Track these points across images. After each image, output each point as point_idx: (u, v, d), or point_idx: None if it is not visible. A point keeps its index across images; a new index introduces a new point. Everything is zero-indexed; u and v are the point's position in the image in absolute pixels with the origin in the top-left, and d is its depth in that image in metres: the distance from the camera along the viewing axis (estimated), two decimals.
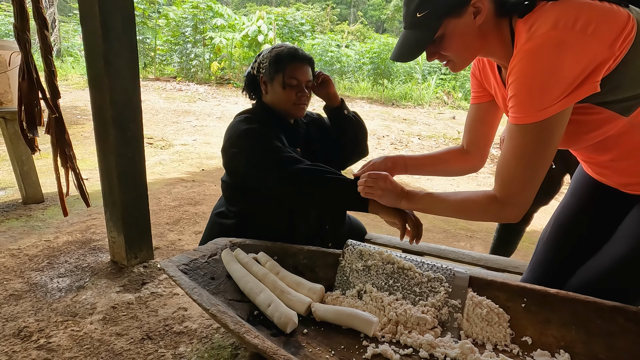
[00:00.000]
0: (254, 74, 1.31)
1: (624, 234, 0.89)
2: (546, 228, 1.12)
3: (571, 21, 0.66)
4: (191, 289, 0.86)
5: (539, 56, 0.68)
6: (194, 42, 10.03)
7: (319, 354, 0.83)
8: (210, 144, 4.61)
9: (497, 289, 0.99)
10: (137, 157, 1.63)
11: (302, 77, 1.24)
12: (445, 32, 0.81)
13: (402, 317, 0.94)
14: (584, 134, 0.80)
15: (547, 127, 0.72)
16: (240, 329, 0.74)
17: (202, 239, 1.39)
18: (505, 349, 0.89)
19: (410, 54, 0.84)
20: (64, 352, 1.17)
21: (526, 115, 0.73)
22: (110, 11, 1.42)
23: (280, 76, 1.23)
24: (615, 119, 0.74)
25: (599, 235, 0.97)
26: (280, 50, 1.25)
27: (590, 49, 0.65)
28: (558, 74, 0.67)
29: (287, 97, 1.24)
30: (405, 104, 9.96)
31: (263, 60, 1.27)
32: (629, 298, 0.88)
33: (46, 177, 2.74)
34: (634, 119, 0.74)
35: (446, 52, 0.85)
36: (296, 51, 1.25)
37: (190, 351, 1.21)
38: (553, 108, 0.70)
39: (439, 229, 2.69)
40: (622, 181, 0.88)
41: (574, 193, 1.07)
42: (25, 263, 1.66)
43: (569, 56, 0.66)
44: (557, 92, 0.68)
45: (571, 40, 0.66)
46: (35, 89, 1.42)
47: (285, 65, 1.23)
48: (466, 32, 0.80)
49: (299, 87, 1.24)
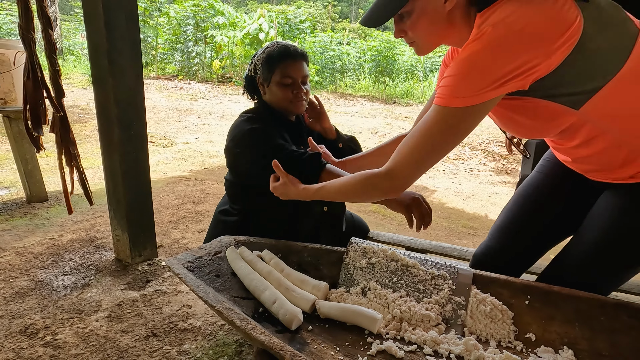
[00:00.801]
0: (252, 75, 1.32)
1: (595, 226, 0.92)
2: (509, 200, 1.17)
3: (515, 22, 0.68)
4: (197, 286, 0.87)
5: (475, 50, 0.71)
6: (195, 41, 10.03)
7: (324, 351, 0.83)
8: (212, 142, 4.62)
9: (500, 285, 1.00)
10: (141, 156, 1.64)
11: (295, 74, 1.24)
12: (414, 9, 0.81)
13: (406, 314, 0.94)
14: (543, 124, 0.82)
15: (459, 115, 0.74)
16: (247, 326, 0.74)
17: (207, 237, 1.40)
18: (509, 346, 0.90)
19: (376, 20, 0.85)
20: (70, 349, 1.18)
21: (445, 98, 0.75)
22: (114, 10, 1.42)
23: (275, 75, 1.24)
24: (567, 112, 0.76)
25: (560, 211, 1.04)
26: (271, 50, 1.25)
27: (525, 51, 0.67)
28: (486, 70, 0.70)
29: (284, 95, 1.24)
30: (407, 102, 9.94)
31: (257, 61, 1.28)
32: (597, 289, 0.92)
33: (50, 176, 2.75)
34: (586, 112, 0.75)
35: (412, 31, 0.85)
36: (287, 49, 1.24)
37: (195, 348, 1.22)
38: (471, 99, 0.72)
39: (441, 226, 2.69)
40: (583, 168, 0.92)
41: (541, 169, 1.11)
42: (31, 261, 1.67)
43: (503, 56, 0.68)
44: (479, 85, 0.70)
45: (509, 40, 0.68)
46: (40, 88, 1.43)
47: (278, 65, 1.23)
48: (434, 14, 0.81)
49: (294, 85, 1.25)
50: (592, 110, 0.74)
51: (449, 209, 3.11)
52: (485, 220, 2.93)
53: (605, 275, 0.93)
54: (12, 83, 2.07)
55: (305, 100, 1.30)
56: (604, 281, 0.94)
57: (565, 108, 0.75)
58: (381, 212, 2.87)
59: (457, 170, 4.37)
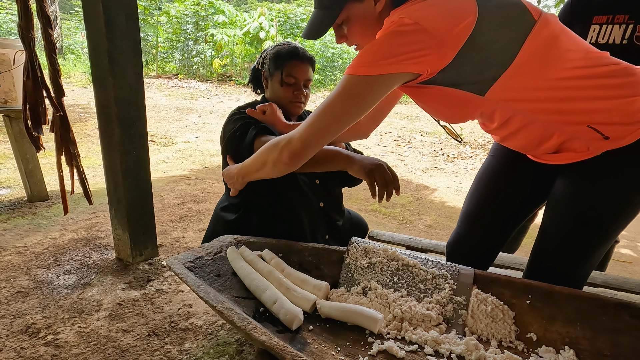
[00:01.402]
0: (258, 68, 1.34)
1: (554, 219, 0.98)
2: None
3: (414, 15, 0.77)
4: (197, 286, 0.87)
5: (381, 34, 0.82)
6: (195, 39, 10.02)
7: (324, 351, 0.83)
8: (213, 141, 4.62)
9: (501, 285, 1.00)
10: (142, 155, 1.64)
11: (300, 75, 1.26)
12: (349, 16, 0.89)
13: (407, 313, 0.94)
14: (458, 110, 0.90)
15: (362, 84, 0.81)
16: (248, 326, 0.74)
17: (206, 234, 1.40)
18: (510, 346, 0.90)
19: (315, 33, 0.92)
20: (72, 348, 1.18)
21: (351, 68, 0.82)
22: (114, 9, 1.42)
23: (278, 73, 1.26)
24: (474, 98, 0.84)
25: (511, 190, 1.13)
26: (281, 48, 1.28)
27: (419, 39, 0.77)
28: (385, 46, 0.79)
29: (285, 94, 1.27)
30: (408, 100, 9.92)
31: (266, 56, 1.30)
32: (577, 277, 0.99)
33: (51, 175, 2.75)
34: (492, 98, 0.83)
35: (351, 37, 0.93)
36: (296, 50, 1.27)
37: (196, 347, 1.22)
38: (372, 68, 0.79)
39: (442, 226, 2.69)
40: (516, 146, 1.00)
41: (493, 152, 1.20)
42: (32, 260, 1.67)
43: (399, 38, 0.78)
44: (379, 57, 0.79)
45: (406, 27, 0.77)
46: (40, 88, 1.43)
47: (285, 63, 1.25)
48: (367, 17, 0.89)
49: (296, 86, 1.27)
50: (496, 95, 0.82)
51: (450, 207, 3.11)
52: None
53: (578, 263, 0.98)
54: (13, 82, 2.07)
55: (304, 103, 1.32)
56: (580, 268, 0.99)
57: (471, 95, 0.84)
58: (382, 211, 2.87)
59: (457, 169, 4.36)
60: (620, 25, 1.33)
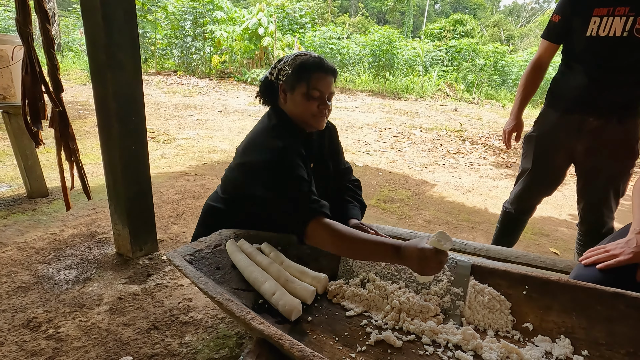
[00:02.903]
0: (272, 80, 1.23)
1: None
2: None
3: None
4: (197, 278, 0.88)
5: None
6: (194, 36, 9.98)
7: (323, 341, 0.84)
8: (212, 137, 4.62)
9: (498, 276, 1.00)
10: (141, 151, 1.64)
11: (325, 88, 1.18)
12: None
13: (405, 305, 0.95)
14: None
15: None
16: (246, 316, 0.75)
17: (197, 227, 1.37)
18: (507, 335, 0.91)
19: None
20: (73, 342, 1.19)
21: None
22: (112, 4, 1.42)
23: (303, 86, 1.16)
24: None
25: None
26: (305, 59, 1.18)
27: None
28: None
29: (309, 108, 1.17)
30: (407, 97, 9.91)
31: (284, 67, 1.20)
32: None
33: (50, 172, 2.75)
34: None
35: None
36: (322, 62, 1.18)
37: (196, 340, 1.23)
38: None
39: (441, 220, 2.70)
40: None
41: None
42: (32, 256, 1.68)
43: None
44: None
45: None
46: (38, 83, 1.43)
47: (310, 76, 1.16)
48: None
49: (321, 99, 1.18)
50: None
51: (449, 202, 3.11)
52: (485, 213, 2.93)
53: None
54: (11, 78, 2.07)
55: (326, 117, 1.24)
56: None
57: None
58: (381, 206, 2.88)
59: (457, 164, 4.37)
60: (621, 18, 1.33)
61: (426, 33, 17.68)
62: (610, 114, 1.43)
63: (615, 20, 1.34)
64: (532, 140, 1.66)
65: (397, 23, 27.57)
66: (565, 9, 1.48)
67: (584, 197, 1.62)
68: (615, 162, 1.48)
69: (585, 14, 1.40)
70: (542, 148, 1.63)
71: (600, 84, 1.43)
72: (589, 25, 1.39)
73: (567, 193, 3.62)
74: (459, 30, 17.61)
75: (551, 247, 2.42)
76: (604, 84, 1.42)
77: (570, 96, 1.52)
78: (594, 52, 1.41)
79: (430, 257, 0.84)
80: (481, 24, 23.49)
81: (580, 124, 1.49)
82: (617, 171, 1.50)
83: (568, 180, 3.65)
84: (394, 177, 3.70)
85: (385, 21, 29.23)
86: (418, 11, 29.74)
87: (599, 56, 1.41)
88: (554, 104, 1.60)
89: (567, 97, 1.53)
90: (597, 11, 1.37)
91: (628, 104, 1.42)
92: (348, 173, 1.47)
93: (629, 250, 0.95)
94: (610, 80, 1.41)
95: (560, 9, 1.50)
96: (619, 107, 1.42)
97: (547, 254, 2.30)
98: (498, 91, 11.18)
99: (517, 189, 1.76)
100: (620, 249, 0.96)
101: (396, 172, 3.86)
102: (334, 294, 1.02)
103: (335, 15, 25.46)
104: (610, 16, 1.34)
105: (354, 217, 1.30)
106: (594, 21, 1.38)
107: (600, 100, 1.44)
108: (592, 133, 1.48)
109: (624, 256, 0.94)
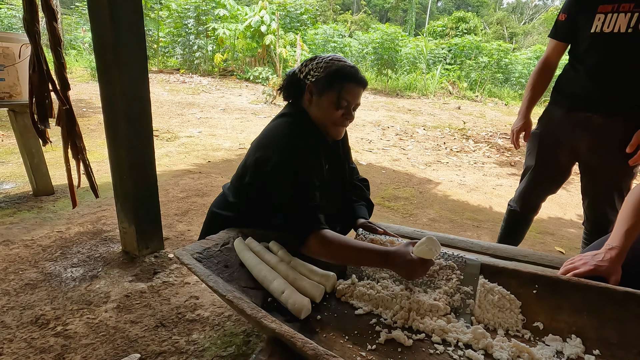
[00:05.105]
0: (300, 77, 1.19)
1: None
2: None
3: None
4: (207, 276, 0.87)
5: None
6: (196, 34, 9.97)
7: (333, 339, 0.84)
8: (216, 135, 4.62)
9: (508, 275, 1.00)
10: (147, 149, 1.65)
11: (353, 99, 1.17)
12: None
13: (414, 304, 0.95)
14: None
15: None
16: (258, 314, 0.75)
17: (201, 232, 1.31)
18: (517, 334, 0.90)
19: None
20: (81, 339, 1.20)
21: None
22: (120, 3, 1.41)
23: (334, 93, 1.14)
24: None
25: None
26: (341, 67, 1.15)
27: None
28: None
29: (332, 115, 1.15)
30: (410, 95, 9.88)
31: (317, 68, 1.16)
32: None
33: (56, 170, 2.76)
34: None
35: None
36: (357, 72, 1.16)
37: (203, 338, 1.23)
38: None
39: (445, 219, 2.69)
40: None
41: None
42: (39, 253, 1.69)
43: None
44: None
45: None
46: (45, 81, 1.43)
47: (342, 84, 1.14)
48: None
49: (347, 109, 1.16)
50: None
51: (453, 201, 3.10)
52: (489, 212, 2.92)
53: None
54: (17, 77, 2.07)
55: (345, 128, 1.24)
56: None
57: None
58: (385, 204, 2.87)
59: (461, 163, 4.35)
60: (626, 14, 1.32)
61: (429, 30, 17.62)
62: (615, 111, 1.42)
63: (620, 16, 1.33)
64: (536, 138, 1.65)
65: (399, 21, 27.49)
66: (570, 7, 1.48)
67: (587, 196, 1.61)
68: (620, 160, 1.46)
69: (590, 11, 1.39)
70: (546, 145, 1.62)
71: (604, 80, 1.42)
72: (594, 21, 1.38)
73: (573, 191, 3.60)
74: (461, 27, 17.52)
75: (556, 246, 2.41)
76: (608, 81, 1.41)
77: (574, 93, 1.51)
78: (599, 48, 1.40)
79: (415, 267, 0.93)
80: (484, 22, 23.37)
81: (584, 121, 1.48)
82: (621, 170, 1.48)
83: (573, 179, 3.63)
84: (398, 175, 3.69)
85: (387, 19, 29.11)
86: (420, 9, 29.62)
87: (603, 53, 1.40)
88: (558, 101, 1.59)
89: (572, 94, 1.52)
90: (602, 8, 1.36)
91: (633, 102, 1.41)
92: (355, 173, 1.47)
93: (592, 262, 0.98)
94: (614, 77, 1.40)
95: (566, 7, 1.50)
96: (624, 104, 1.41)
97: (553, 253, 2.29)
98: (501, 89, 11.13)
99: (522, 186, 1.75)
100: (585, 261, 1.00)
101: (400, 171, 3.85)
102: (342, 293, 1.02)
103: (338, 13, 25.38)
104: (615, 12, 1.34)
105: (362, 217, 1.30)
106: (598, 17, 1.37)
107: (604, 98, 1.43)
108: (597, 131, 1.46)
109: (584, 267, 0.97)
